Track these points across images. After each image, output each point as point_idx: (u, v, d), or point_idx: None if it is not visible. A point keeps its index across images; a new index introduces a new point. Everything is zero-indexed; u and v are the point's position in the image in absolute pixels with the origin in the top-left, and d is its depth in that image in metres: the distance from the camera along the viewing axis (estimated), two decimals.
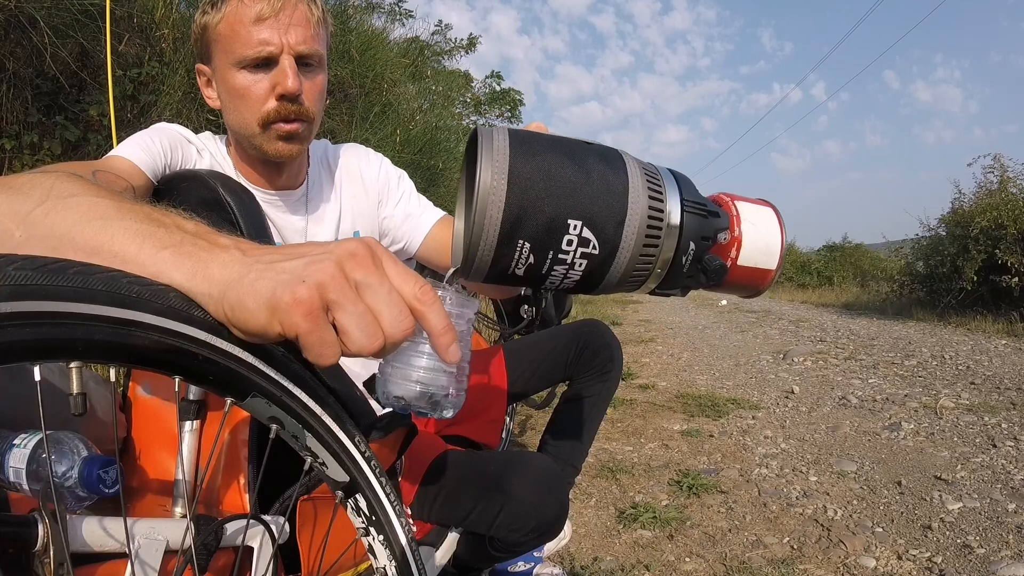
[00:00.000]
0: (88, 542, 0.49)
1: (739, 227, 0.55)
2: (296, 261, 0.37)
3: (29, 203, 0.42)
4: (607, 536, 1.83)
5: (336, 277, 0.36)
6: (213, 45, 0.85)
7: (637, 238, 0.48)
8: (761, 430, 2.89)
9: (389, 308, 0.38)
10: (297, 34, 0.83)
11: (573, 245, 0.47)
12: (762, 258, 0.56)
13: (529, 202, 0.45)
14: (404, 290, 0.39)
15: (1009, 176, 7.32)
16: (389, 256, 0.40)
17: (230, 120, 0.88)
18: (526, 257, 0.47)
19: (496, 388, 1.25)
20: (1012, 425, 2.73)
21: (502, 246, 0.46)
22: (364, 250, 0.38)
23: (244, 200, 0.76)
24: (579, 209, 0.47)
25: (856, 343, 5.49)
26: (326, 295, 0.36)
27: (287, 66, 0.83)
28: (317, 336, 0.36)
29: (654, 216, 0.48)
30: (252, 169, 0.93)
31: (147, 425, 0.72)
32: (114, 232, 0.39)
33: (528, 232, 0.46)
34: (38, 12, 2.31)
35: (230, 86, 0.84)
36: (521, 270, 0.48)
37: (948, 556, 1.64)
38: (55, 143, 2.48)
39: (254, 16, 0.81)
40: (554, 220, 0.46)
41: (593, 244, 0.47)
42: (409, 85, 5.62)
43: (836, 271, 14.99)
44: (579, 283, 0.50)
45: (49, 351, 0.33)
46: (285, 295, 0.35)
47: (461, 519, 0.97)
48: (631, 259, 0.49)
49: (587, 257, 0.48)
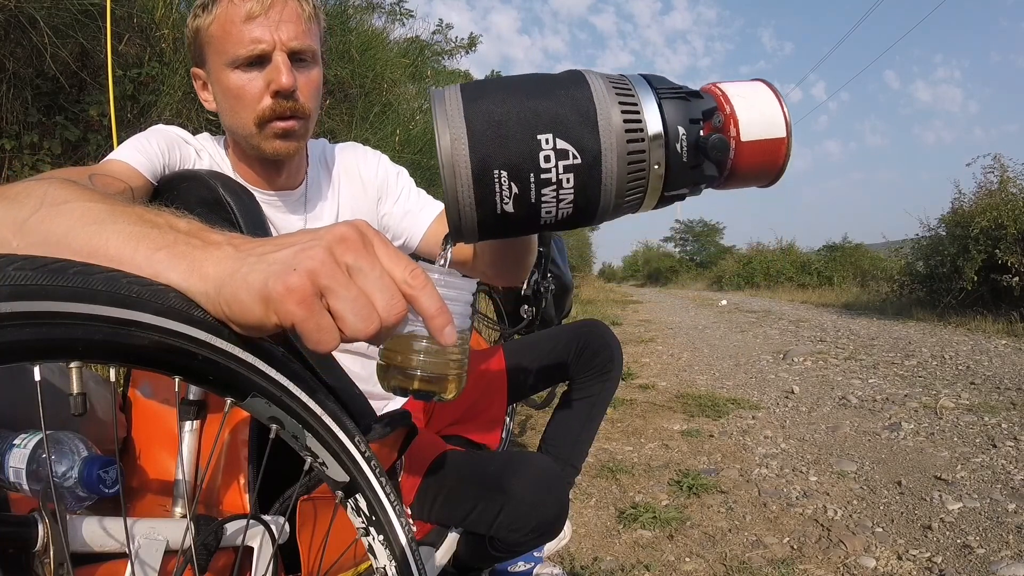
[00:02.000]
0: (88, 542, 0.49)
1: (729, 104, 0.51)
2: (287, 250, 0.37)
3: (24, 211, 0.42)
4: (607, 536, 1.83)
5: (327, 263, 0.36)
6: (206, 47, 0.86)
7: (618, 137, 0.46)
8: (761, 430, 2.89)
9: (382, 292, 0.37)
10: (288, 30, 0.83)
11: (552, 161, 0.45)
12: (766, 128, 0.51)
13: (492, 133, 0.44)
14: (395, 274, 0.39)
15: (1009, 176, 7.32)
16: (380, 238, 0.40)
17: (227, 121, 0.89)
18: (508, 187, 0.45)
19: (496, 388, 1.25)
20: (1012, 425, 2.73)
21: (479, 184, 0.45)
22: (354, 233, 0.38)
23: (244, 200, 0.76)
24: (544, 122, 0.45)
25: (856, 343, 5.48)
26: (318, 281, 0.36)
27: (280, 62, 0.83)
28: (313, 323, 0.36)
29: (628, 111, 0.47)
30: (251, 169, 0.93)
31: (147, 425, 0.72)
32: (108, 236, 0.40)
33: (500, 160, 0.45)
34: (38, 12, 2.31)
35: (225, 87, 0.85)
36: (510, 205, 0.46)
37: (948, 556, 1.64)
38: (55, 143, 2.48)
39: (244, 15, 0.81)
40: (522, 140, 0.45)
41: (572, 153, 0.45)
42: (409, 85, 5.61)
43: (836, 271, 14.98)
44: (577, 207, 0.48)
45: (49, 351, 0.33)
46: (277, 285, 0.35)
47: (461, 519, 0.97)
48: (620, 162, 0.47)
49: (572, 170, 0.46)
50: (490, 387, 1.24)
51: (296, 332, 0.37)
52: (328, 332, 0.36)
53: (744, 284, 18.28)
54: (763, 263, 18.34)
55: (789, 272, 16.81)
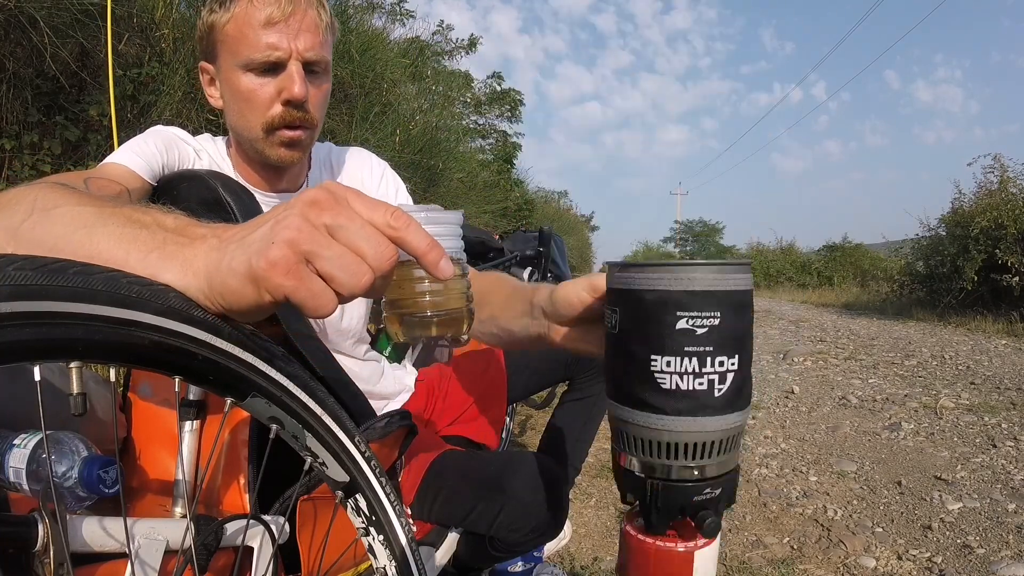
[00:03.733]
0: (88, 542, 0.49)
1: None
2: (263, 228, 0.37)
3: (16, 218, 0.43)
4: (607, 536, 1.83)
5: (303, 228, 0.36)
6: (219, 45, 0.84)
7: None
8: (761, 430, 2.89)
9: (367, 241, 0.37)
10: (306, 40, 0.82)
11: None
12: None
13: None
14: (376, 220, 0.38)
15: (1009, 176, 7.31)
16: (352, 192, 0.39)
17: (232, 121, 0.88)
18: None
19: (496, 388, 1.25)
20: (1012, 425, 2.73)
21: None
22: (325, 195, 0.38)
23: (244, 200, 0.76)
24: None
25: (856, 343, 5.48)
26: (299, 248, 0.36)
27: (295, 72, 0.82)
28: (305, 290, 0.36)
29: None
30: (252, 171, 0.93)
31: (147, 425, 0.72)
32: (98, 240, 0.40)
33: None
34: (38, 12, 2.31)
35: (235, 88, 0.84)
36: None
37: (948, 556, 1.64)
38: (55, 143, 2.48)
39: (264, 19, 0.80)
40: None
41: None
42: (409, 85, 5.61)
43: (836, 271, 14.97)
44: None
45: (49, 351, 0.33)
46: (260, 262, 0.36)
47: (461, 519, 0.97)
48: None
49: None
50: (490, 387, 1.23)
51: (293, 304, 0.37)
52: (323, 295, 0.36)
53: None
54: (763, 263, 18.33)
55: (789, 272, 16.80)
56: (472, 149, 9.22)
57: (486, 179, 8.35)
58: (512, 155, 11.96)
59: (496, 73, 12.00)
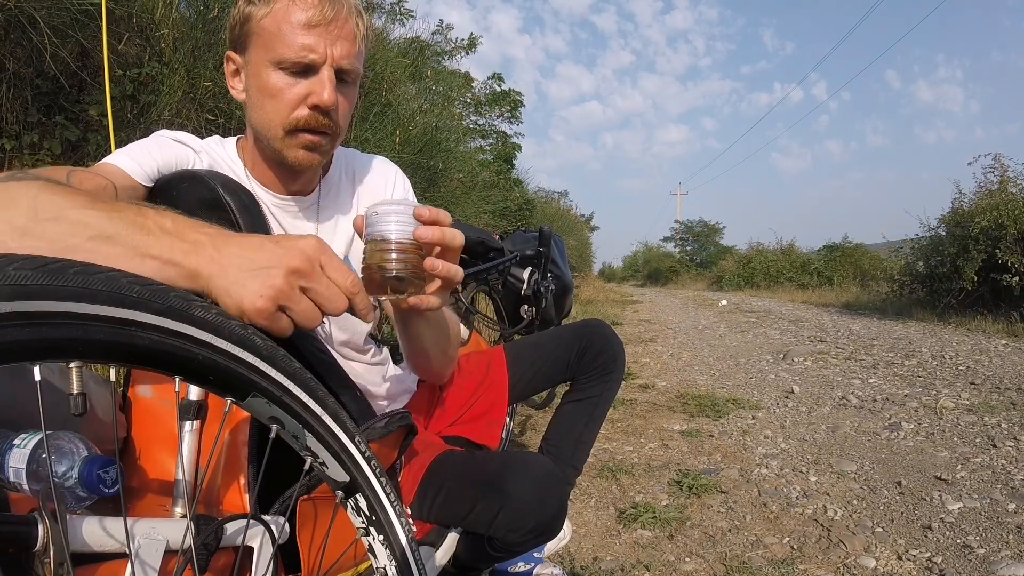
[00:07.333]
0: (88, 542, 0.49)
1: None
2: (256, 273, 0.52)
3: (20, 218, 0.46)
4: (607, 536, 1.83)
5: (283, 289, 0.53)
6: (253, 37, 0.83)
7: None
8: (761, 430, 2.89)
9: (328, 300, 0.56)
10: (343, 47, 0.82)
11: None
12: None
13: None
14: (339, 284, 0.56)
15: (1009, 176, 7.32)
16: (327, 258, 0.56)
17: (254, 116, 0.87)
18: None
19: (497, 388, 1.25)
20: (1012, 425, 2.73)
21: None
22: (307, 264, 0.54)
23: (243, 200, 0.76)
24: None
25: (856, 343, 5.48)
26: (278, 302, 0.53)
27: (327, 78, 0.81)
28: (276, 326, 0.53)
29: None
30: (267, 170, 0.92)
31: (147, 425, 0.72)
32: (111, 252, 0.48)
33: None
34: (38, 12, 2.31)
35: (262, 83, 0.83)
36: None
37: (948, 556, 1.64)
38: (55, 143, 2.48)
39: (304, 20, 0.79)
40: None
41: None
42: (409, 85, 5.61)
43: (836, 271, 14.98)
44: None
45: (49, 351, 0.33)
46: (249, 307, 0.51)
47: (460, 519, 0.97)
48: None
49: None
50: (490, 387, 1.23)
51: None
52: (288, 329, 0.54)
53: (744, 284, 18.27)
54: (763, 263, 18.33)
55: (789, 272, 16.81)
56: (472, 149, 9.22)
57: (486, 179, 8.35)
58: (512, 155, 11.95)
59: (496, 74, 11.99)
